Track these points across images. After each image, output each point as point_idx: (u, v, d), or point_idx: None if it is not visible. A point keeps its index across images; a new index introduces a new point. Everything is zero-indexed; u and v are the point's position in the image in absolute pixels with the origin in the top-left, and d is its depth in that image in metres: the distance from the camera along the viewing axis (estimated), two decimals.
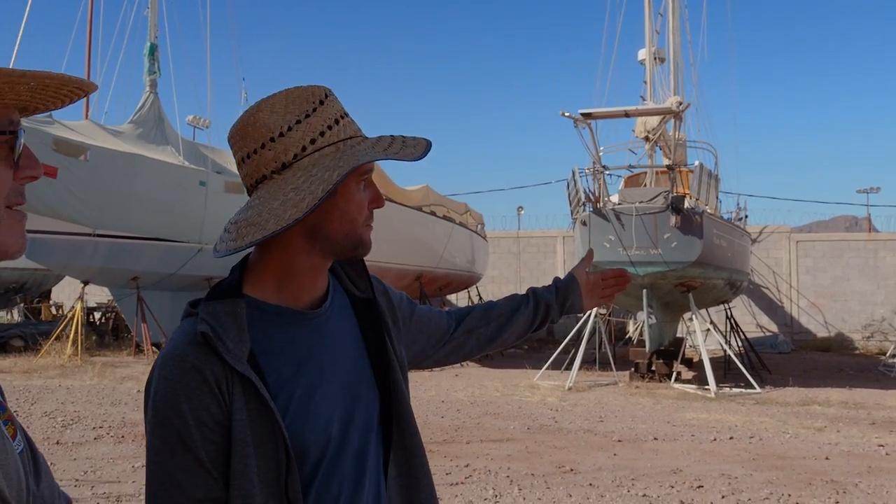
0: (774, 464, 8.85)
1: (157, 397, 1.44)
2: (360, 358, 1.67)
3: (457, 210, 25.26)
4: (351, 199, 1.56)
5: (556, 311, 2.19)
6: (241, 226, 1.50)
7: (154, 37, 23.42)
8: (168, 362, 1.46)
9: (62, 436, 9.79)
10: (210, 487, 1.42)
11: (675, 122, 18.71)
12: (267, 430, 1.45)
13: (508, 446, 9.65)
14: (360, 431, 1.61)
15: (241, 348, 1.46)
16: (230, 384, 1.44)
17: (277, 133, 1.51)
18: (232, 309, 1.50)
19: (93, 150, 18.59)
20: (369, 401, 1.65)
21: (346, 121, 1.57)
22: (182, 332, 1.51)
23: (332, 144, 1.52)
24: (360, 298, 1.75)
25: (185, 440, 1.42)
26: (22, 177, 1.13)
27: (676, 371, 16.98)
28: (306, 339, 1.58)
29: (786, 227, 28.75)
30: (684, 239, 15.29)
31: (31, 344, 21.19)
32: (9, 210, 1.11)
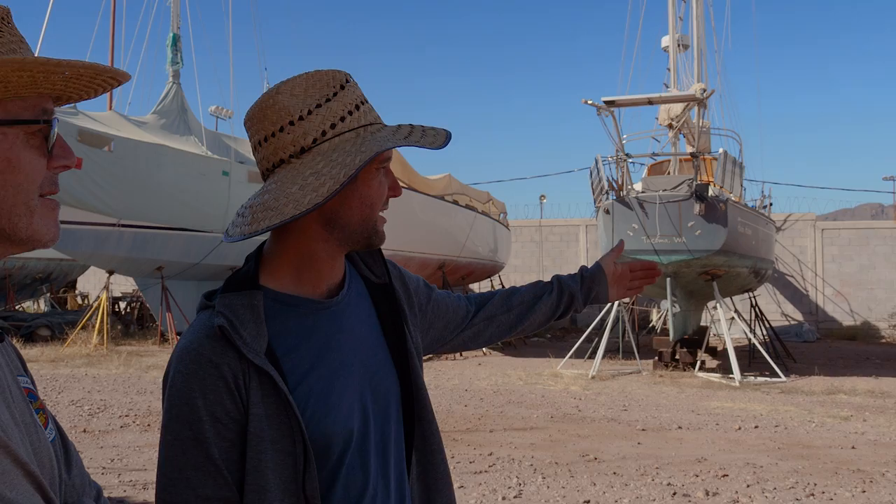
0: (800, 453, 8.79)
1: (172, 391, 1.43)
2: (379, 345, 1.65)
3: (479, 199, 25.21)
4: (370, 186, 1.54)
5: (581, 301, 2.15)
6: (257, 210, 1.47)
7: (176, 27, 23.52)
8: (184, 356, 1.44)
9: (89, 424, 9.89)
10: (220, 486, 1.41)
11: (698, 109, 18.57)
12: (284, 425, 1.43)
13: (532, 435, 9.64)
14: (381, 421, 1.59)
15: (258, 341, 1.44)
16: (247, 379, 1.42)
17: (297, 116, 1.48)
18: (249, 301, 1.48)
19: (117, 141, 18.71)
20: (389, 389, 1.63)
21: (366, 107, 1.55)
22: (198, 325, 1.49)
23: (352, 130, 1.50)
24: (376, 284, 1.72)
25: (198, 436, 1.40)
26: (55, 166, 1.13)
27: (700, 360, 16.89)
28: (325, 329, 1.56)
29: (811, 215, 28.48)
30: (708, 227, 15.18)
31: (57, 333, 21.37)
32: (42, 199, 1.12)
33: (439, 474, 1.70)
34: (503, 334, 2.07)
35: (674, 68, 23.24)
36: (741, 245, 16.54)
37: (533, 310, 2.07)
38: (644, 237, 15.40)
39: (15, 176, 1.07)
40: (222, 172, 21.77)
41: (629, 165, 16.57)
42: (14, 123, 1.07)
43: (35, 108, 1.10)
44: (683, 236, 15.22)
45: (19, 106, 1.08)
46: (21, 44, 1.10)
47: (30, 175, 1.09)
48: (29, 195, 1.09)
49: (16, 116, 1.07)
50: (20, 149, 1.08)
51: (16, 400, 1.14)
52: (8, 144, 1.07)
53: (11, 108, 1.07)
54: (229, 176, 21.91)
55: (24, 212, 1.08)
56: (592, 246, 29.46)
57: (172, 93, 23.09)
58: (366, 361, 1.60)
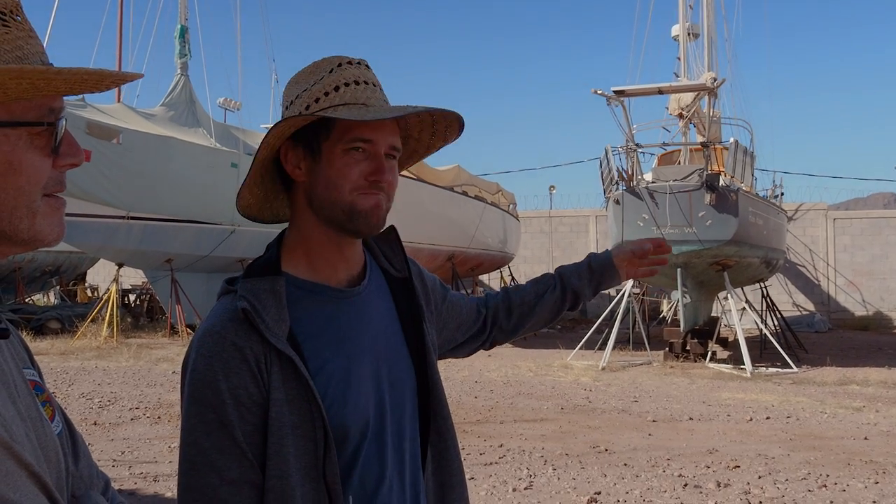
0: (812, 444, 8.74)
1: (194, 374, 1.42)
2: (397, 339, 1.66)
3: (488, 190, 25.17)
4: (332, 165, 1.53)
5: (588, 294, 2.13)
6: None
7: (184, 19, 23.49)
8: (206, 339, 1.44)
9: (99, 416, 9.90)
10: (245, 468, 1.40)
11: (709, 98, 18.48)
12: (305, 410, 1.43)
13: (542, 426, 9.61)
14: (397, 413, 1.60)
15: (280, 326, 1.45)
16: (269, 363, 1.42)
17: (294, 96, 1.56)
18: (271, 286, 1.49)
19: (125, 134, 18.72)
20: (405, 383, 1.64)
21: (357, 87, 1.54)
22: (221, 308, 1.49)
23: (330, 107, 1.51)
24: (396, 278, 1.73)
25: (222, 419, 1.39)
26: (62, 164, 1.12)
27: (711, 350, 16.84)
28: (345, 318, 1.56)
29: (822, 205, 28.36)
30: (719, 217, 15.11)
31: (67, 326, 21.45)
32: (47, 198, 1.10)
33: (454, 470, 1.72)
34: (508, 337, 2.09)
35: (684, 57, 23.14)
36: (752, 235, 16.47)
37: (534, 312, 2.07)
38: (654, 227, 15.34)
39: (16, 178, 1.06)
40: (231, 164, 21.75)
41: (639, 155, 16.51)
42: (16, 125, 1.05)
43: (41, 107, 1.08)
44: (694, 226, 15.16)
45: (23, 106, 1.06)
46: (29, 38, 1.08)
47: (32, 177, 1.07)
48: (31, 197, 1.07)
49: (19, 117, 1.05)
50: (22, 151, 1.06)
51: (21, 394, 1.13)
52: (9, 146, 1.05)
53: (14, 108, 1.05)
54: (238, 168, 21.90)
55: (26, 214, 1.07)
56: (602, 236, 29.38)
57: (181, 85, 23.07)
58: (384, 353, 1.61)
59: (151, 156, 19.27)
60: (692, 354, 16.70)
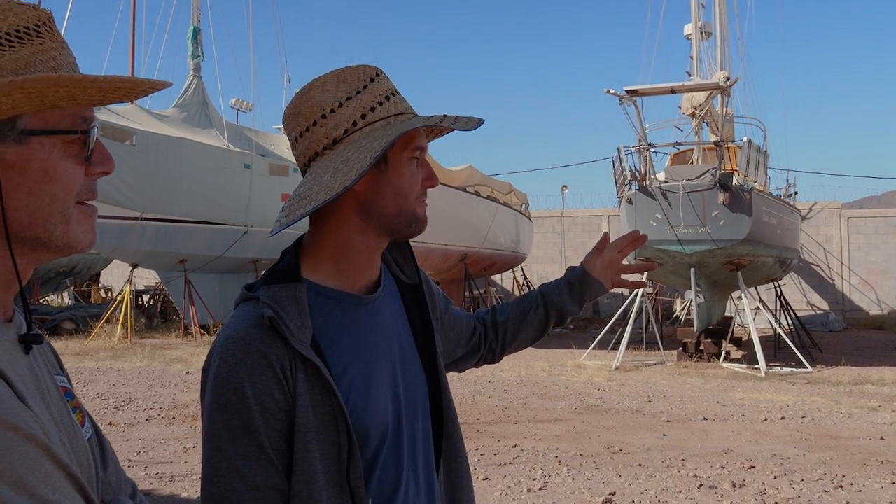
0: (828, 444, 8.70)
1: (218, 380, 1.42)
2: (409, 344, 1.68)
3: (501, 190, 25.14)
4: (402, 174, 1.55)
5: (573, 309, 2.15)
6: (294, 201, 1.51)
7: (197, 20, 23.57)
8: (230, 345, 1.43)
9: (114, 417, 9.94)
10: (270, 474, 1.40)
11: (722, 97, 18.44)
12: (329, 415, 1.43)
13: (556, 426, 9.60)
14: (411, 418, 1.61)
15: (304, 333, 1.45)
16: (294, 369, 1.43)
17: (328, 109, 1.52)
18: (293, 293, 1.49)
19: (139, 135, 18.81)
20: (418, 387, 1.66)
21: (396, 98, 1.57)
22: (243, 315, 1.49)
23: (382, 119, 1.53)
24: (406, 284, 1.76)
25: (248, 425, 1.39)
26: (94, 172, 1.14)
27: (725, 350, 16.78)
28: (363, 324, 1.57)
29: (836, 203, 28.22)
30: (733, 216, 15.07)
31: (81, 327, 21.55)
32: (79, 205, 1.13)
33: (462, 473, 1.75)
34: (496, 357, 2.12)
35: (696, 56, 23.07)
36: (766, 234, 16.41)
37: (519, 330, 2.10)
38: (668, 227, 15.31)
39: (51, 186, 1.08)
40: (244, 165, 21.84)
41: (652, 155, 16.47)
42: (51, 134, 1.08)
43: (74, 116, 1.10)
44: (707, 226, 15.12)
45: (57, 115, 1.08)
46: (62, 49, 1.11)
47: (66, 184, 1.10)
48: (65, 204, 1.10)
49: (53, 126, 1.08)
50: (57, 158, 1.08)
51: (54, 399, 1.15)
52: (45, 154, 1.07)
53: (49, 117, 1.08)
54: (251, 169, 21.98)
55: (60, 220, 1.10)
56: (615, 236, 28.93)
57: (193, 86, 23.17)
58: (398, 359, 1.62)
59: (165, 157, 19.36)
60: (706, 354, 16.64)
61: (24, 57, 1.05)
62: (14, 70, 1.04)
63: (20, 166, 1.06)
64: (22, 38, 1.06)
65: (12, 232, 1.07)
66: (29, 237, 1.09)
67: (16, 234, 1.07)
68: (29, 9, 1.08)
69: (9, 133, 1.04)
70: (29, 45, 1.06)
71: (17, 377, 1.03)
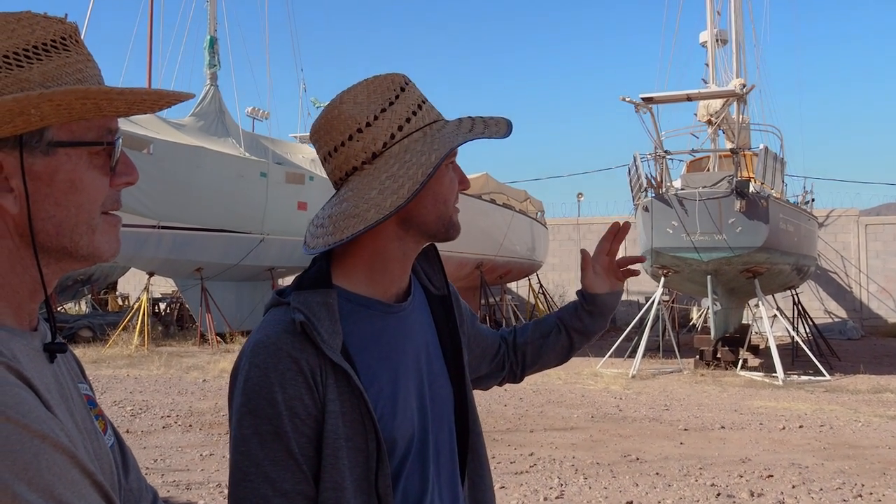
0: (846, 453, 8.65)
1: (248, 385, 1.41)
2: (437, 355, 1.68)
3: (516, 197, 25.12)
4: (441, 181, 1.56)
5: (594, 327, 2.10)
6: (339, 219, 1.48)
7: (213, 30, 23.72)
8: (261, 350, 1.43)
9: (131, 424, 9.98)
10: (299, 480, 1.40)
11: (738, 104, 18.40)
12: (358, 422, 1.43)
13: (572, 435, 9.58)
14: (437, 429, 1.61)
15: (334, 339, 1.45)
16: (324, 375, 1.43)
17: (364, 123, 1.50)
18: (324, 299, 1.48)
19: (156, 144, 18.92)
20: (445, 399, 1.65)
21: (427, 106, 1.57)
22: (274, 320, 1.48)
23: (419, 130, 1.52)
24: (436, 296, 1.75)
25: (278, 430, 1.39)
26: (119, 183, 1.17)
27: (742, 358, 16.70)
28: (393, 333, 1.57)
29: (854, 211, 28.06)
30: (749, 224, 15.00)
31: (99, 334, 21.66)
32: (104, 216, 1.15)
33: (486, 486, 1.75)
34: (515, 378, 2.10)
35: (712, 64, 23.03)
36: (783, 242, 16.33)
37: (540, 354, 2.07)
38: (684, 234, 15.27)
39: (77, 196, 1.10)
40: (260, 174, 21.93)
41: (668, 162, 16.45)
42: (78, 145, 1.10)
43: (100, 127, 1.12)
44: (724, 233, 15.07)
45: (83, 127, 1.10)
46: (88, 62, 1.12)
47: (92, 195, 1.11)
48: (91, 214, 1.12)
49: (80, 138, 1.10)
50: (83, 170, 1.10)
51: (78, 407, 1.16)
52: (71, 165, 1.09)
53: (76, 129, 1.09)
54: (267, 177, 22.06)
55: (86, 231, 1.12)
56: (631, 244, 29.14)
57: (210, 95, 23.29)
58: (426, 369, 1.62)
59: (182, 165, 19.47)
60: (723, 362, 16.57)
61: (51, 70, 1.07)
62: (42, 83, 1.06)
63: (47, 177, 1.07)
64: (49, 51, 1.08)
65: (39, 242, 1.08)
66: (55, 247, 1.10)
67: (42, 243, 1.09)
68: (56, 22, 1.10)
69: (36, 145, 1.06)
70: (56, 58, 1.08)
71: (43, 385, 1.04)
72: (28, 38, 1.07)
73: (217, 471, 7.71)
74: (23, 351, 1.06)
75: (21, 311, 1.11)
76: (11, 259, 1.09)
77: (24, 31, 1.07)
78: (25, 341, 1.09)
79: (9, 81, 1.04)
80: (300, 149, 27.25)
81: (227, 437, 9.13)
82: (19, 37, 1.06)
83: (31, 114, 1.02)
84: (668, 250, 15.74)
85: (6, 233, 1.08)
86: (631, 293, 29.35)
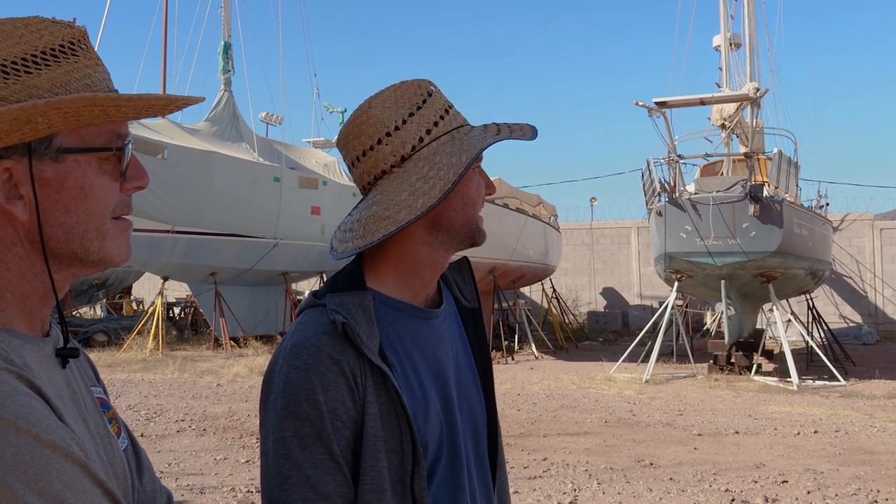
0: (862, 459, 8.60)
1: (288, 387, 1.41)
2: (469, 365, 1.69)
3: (529, 202, 25.08)
4: (470, 186, 1.57)
5: None
6: (369, 222, 1.49)
7: (227, 35, 23.80)
8: (301, 352, 1.43)
9: (146, 428, 10.01)
10: (340, 483, 1.40)
11: (752, 108, 18.31)
12: (394, 425, 1.44)
13: (586, 440, 9.56)
14: (468, 439, 1.62)
15: (372, 341, 1.45)
16: (364, 377, 1.43)
17: (393, 127, 1.52)
18: (360, 301, 1.49)
19: (170, 149, 19.00)
20: (476, 410, 1.66)
21: (453, 111, 1.59)
22: (313, 322, 1.48)
23: (446, 133, 1.54)
24: (467, 308, 1.77)
25: (319, 433, 1.39)
26: (129, 187, 1.17)
27: (757, 363, 16.63)
28: (426, 338, 1.58)
29: (869, 215, 27.92)
30: (763, 228, 14.95)
31: (113, 339, 21.74)
32: (115, 221, 1.15)
33: (506, 494, 1.78)
34: None
35: (726, 68, 22.97)
36: (797, 246, 16.26)
37: None
38: (698, 239, 15.22)
39: (87, 203, 1.10)
40: (274, 178, 21.99)
41: (681, 166, 16.41)
42: (87, 151, 1.10)
43: (109, 133, 1.12)
44: (738, 238, 15.01)
45: (92, 132, 1.10)
46: (97, 66, 1.12)
47: (102, 201, 1.12)
48: (101, 220, 1.12)
49: (89, 144, 1.10)
50: (93, 176, 1.11)
51: (90, 412, 1.16)
52: (81, 172, 1.09)
53: (84, 134, 1.09)
54: (281, 182, 22.12)
55: (96, 236, 1.12)
56: (644, 248, 29.19)
57: (224, 100, 23.36)
58: (455, 378, 1.63)
59: (196, 171, 19.54)
60: (737, 367, 16.51)
61: (59, 75, 1.07)
62: (50, 89, 1.06)
63: (57, 184, 1.08)
64: (58, 56, 1.08)
65: (49, 248, 1.09)
66: (66, 253, 1.11)
67: (52, 250, 1.09)
68: (64, 27, 1.10)
69: (45, 151, 1.06)
70: (64, 64, 1.08)
71: (54, 392, 1.05)
72: (36, 43, 1.07)
73: (231, 475, 7.73)
74: (34, 358, 1.06)
75: (33, 317, 1.12)
76: (22, 265, 1.09)
77: (32, 37, 1.07)
78: (37, 347, 1.09)
79: (17, 88, 1.04)
80: (313, 154, 27.33)
81: (242, 442, 9.17)
82: (27, 42, 1.06)
83: (38, 122, 1.02)
84: (682, 255, 15.69)
85: (17, 240, 1.08)
86: (644, 298, 29.28)
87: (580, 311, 29.85)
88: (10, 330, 1.06)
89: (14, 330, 1.07)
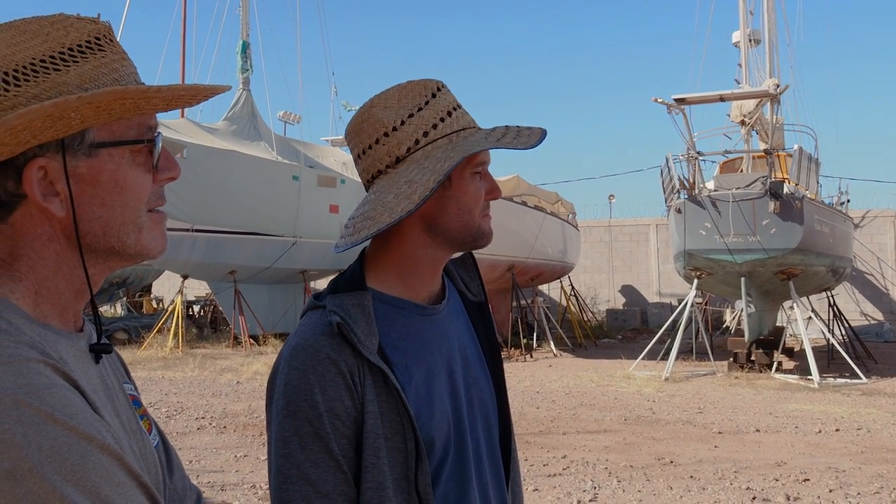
0: (884, 457, 8.54)
1: (288, 388, 1.43)
2: (478, 360, 1.69)
3: (548, 199, 25.03)
4: (466, 191, 1.56)
5: None
6: (359, 220, 1.52)
7: (246, 35, 23.88)
8: (300, 353, 1.45)
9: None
10: (340, 481, 1.41)
11: (771, 105, 18.22)
12: (396, 422, 1.44)
13: (606, 438, 9.54)
14: (475, 432, 1.62)
15: (371, 340, 1.46)
16: (362, 376, 1.44)
17: (391, 127, 1.52)
18: (359, 301, 1.50)
19: (190, 148, 19.08)
20: (487, 404, 1.66)
21: (458, 112, 1.57)
22: (311, 323, 1.51)
23: (444, 136, 1.53)
24: (473, 302, 1.77)
25: (319, 432, 1.41)
26: (161, 179, 1.18)
27: (777, 361, 16.53)
28: (428, 334, 1.58)
29: (890, 211, 27.69)
30: (784, 225, 14.85)
31: (134, 337, 21.89)
32: (149, 213, 1.16)
33: (519, 491, 1.79)
34: None
35: (745, 64, 22.84)
36: (818, 243, 16.15)
37: None
38: (717, 236, 15.15)
39: (123, 196, 1.11)
40: (292, 177, 22.06)
41: (701, 163, 16.33)
42: (119, 145, 1.11)
43: (139, 125, 1.13)
44: (758, 235, 14.92)
45: (123, 126, 1.11)
46: (123, 60, 1.13)
47: (136, 193, 1.13)
48: (137, 213, 1.13)
49: (121, 137, 1.11)
50: (126, 169, 1.12)
51: (123, 407, 1.18)
52: (114, 165, 1.10)
53: (116, 128, 1.10)
54: (299, 180, 22.19)
55: (133, 229, 1.13)
56: (663, 245, 29.06)
57: (243, 99, 23.45)
58: (462, 372, 1.63)
59: (215, 169, 19.62)
60: (757, 365, 16.41)
61: (88, 71, 1.08)
62: (80, 84, 1.07)
63: (91, 179, 1.08)
64: (84, 52, 1.09)
65: (86, 243, 1.10)
66: (103, 247, 1.12)
67: (89, 244, 1.10)
68: (89, 23, 1.11)
69: (79, 147, 1.07)
70: (92, 59, 1.09)
71: (90, 386, 1.05)
72: (63, 40, 1.08)
73: (251, 472, 7.76)
74: (69, 352, 1.07)
75: (67, 313, 1.13)
76: (58, 261, 1.10)
77: (59, 34, 1.08)
78: (72, 342, 1.10)
79: (47, 86, 1.05)
80: (332, 152, 27.37)
81: (262, 439, 9.20)
82: (54, 40, 1.07)
83: (70, 117, 1.03)
84: (702, 252, 15.62)
85: (53, 236, 1.09)
86: (664, 295, 29.18)
87: (599, 308, 29.78)
88: (45, 324, 1.07)
89: (49, 325, 1.08)
